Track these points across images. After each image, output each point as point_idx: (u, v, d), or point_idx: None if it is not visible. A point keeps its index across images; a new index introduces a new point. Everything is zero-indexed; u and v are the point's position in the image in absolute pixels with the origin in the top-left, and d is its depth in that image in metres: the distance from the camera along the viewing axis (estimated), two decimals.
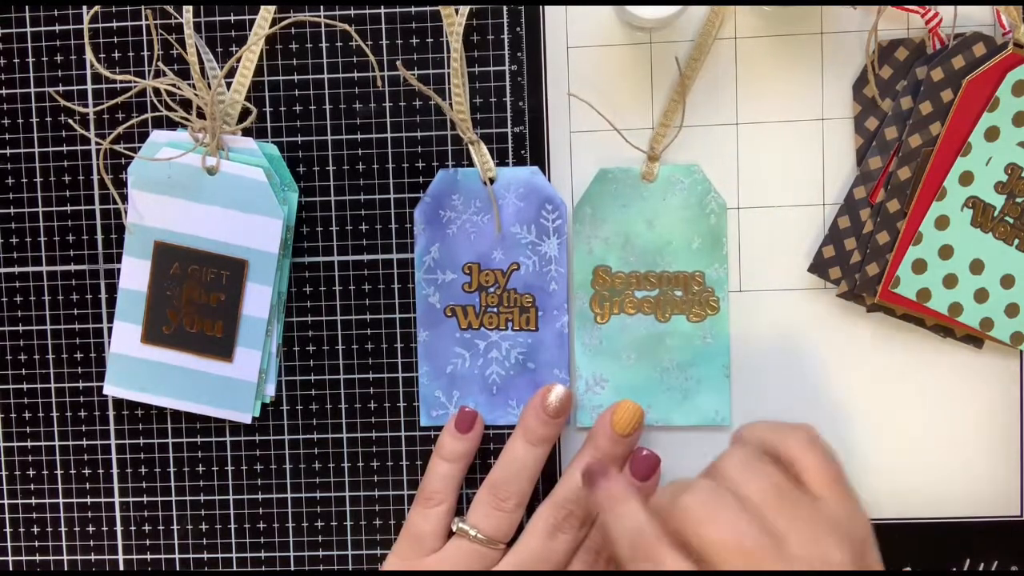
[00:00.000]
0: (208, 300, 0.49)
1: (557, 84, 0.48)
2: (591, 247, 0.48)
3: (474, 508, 0.47)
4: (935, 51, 0.46)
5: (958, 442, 0.49)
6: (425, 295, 0.49)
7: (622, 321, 0.48)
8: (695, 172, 0.48)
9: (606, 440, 0.46)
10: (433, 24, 0.48)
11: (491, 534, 0.46)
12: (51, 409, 0.51)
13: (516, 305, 0.49)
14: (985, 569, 0.49)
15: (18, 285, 0.51)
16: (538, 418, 0.47)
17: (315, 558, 0.51)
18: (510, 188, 0.48)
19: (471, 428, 0.48)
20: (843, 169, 0.48)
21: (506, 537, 0.47)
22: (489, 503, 0.47)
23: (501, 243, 0.49)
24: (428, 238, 0.49)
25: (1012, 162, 0.46)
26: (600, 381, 0.49)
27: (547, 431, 0.47)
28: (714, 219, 0.48)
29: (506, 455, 0.47)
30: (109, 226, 0.50)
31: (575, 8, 0.48)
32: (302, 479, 0.50)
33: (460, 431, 0.48)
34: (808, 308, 0.48)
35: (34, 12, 0.50)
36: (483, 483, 0.47)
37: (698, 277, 0.48)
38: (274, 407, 0.50)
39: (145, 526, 0.51)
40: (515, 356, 0.49)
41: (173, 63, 0.49)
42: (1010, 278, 0.47)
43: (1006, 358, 0.48)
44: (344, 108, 0.49)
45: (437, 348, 0.49)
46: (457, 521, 0.47)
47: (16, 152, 0.50)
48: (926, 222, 0.46)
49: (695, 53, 0.47)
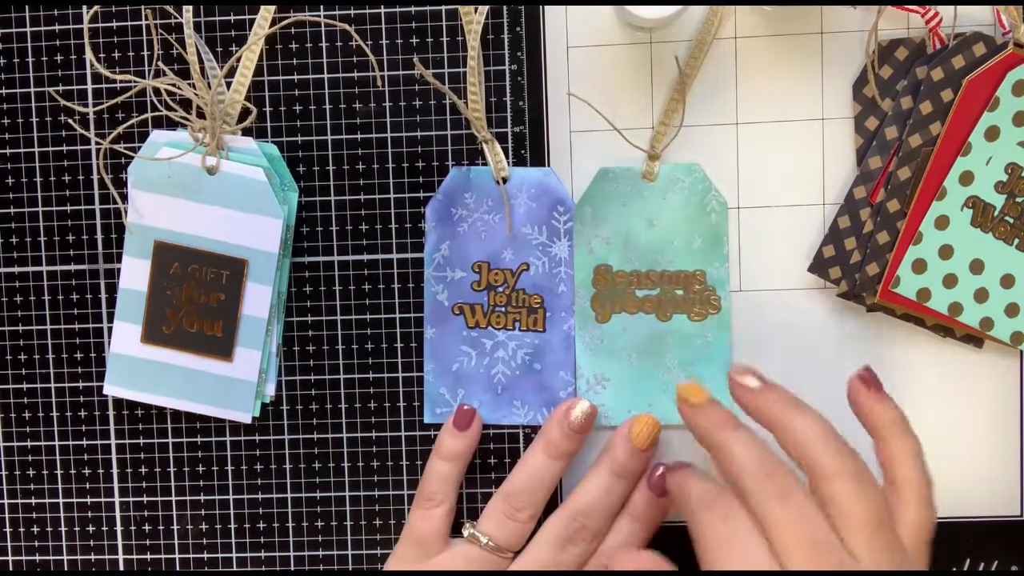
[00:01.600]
0: (208, 300, 0.49)
1: (557, 84, 0.48)
2: (592, 246, 0.48)
3: (487, 515, 0.47)
4: (935, 51, 0.46)
5: (958, 442, 0.49)
6: (433, 292, 0.49)
7: (623, 320, 0.48)
8: (696, 171, 0.48)
9: (624, 453, 0.46)
10: (433, 24, 0.48)
11: (502, 543, 0.46)
12: (51, 409, 0.51)
13: (524, 306, 0.49)
14: (985, 569, 0.49)
15: (18, 285, 0.51)
16: (561, 431, 0.47)
17: (315, 558, 0.51)
18: (523, 188, 0.48)
19: (469, 426, 0.48)
20: (843, 169, 0.48)
21: (516, 547, 0.47)
22: (503, 511, 0.46)
23: (512, 243, 0.49)
24: (439, 235, 0.49)
25: (1012, 162, 0.46)
26: (601, 380, 0.49)
27: (569, 446, 0.47)
28: (715, 218, 0.48)
29: (525, 465, 0.47)
30: (109, 226, 0.50)
31: (575, 8, 0.48)
32: (302, 479, 0.50)
33: (458, 428, 0.48)
34: (808, 308, 0.48)
35: (34, 12, 0.50)
36: (498, 491, 0.47)
37: (699, 276, 0.48)
38: (274, 407, 0.50)
39: (145, 526, 0.51)
40: (521, 356, 0.49)
41: (173, 63, 0.49)
42: (1010, 278, 0.47)
43: (1006, 358, 0.48)
44: (344, 108, 0.49)
45: (444, 346, 0.49)
46: (469, 527, 0.47)
47: (16, 152, 0.50)
48: (926, 222, 0.46)
49: (695, 52, 0.47)
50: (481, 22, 0.47)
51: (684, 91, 0.47)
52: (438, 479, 0.47)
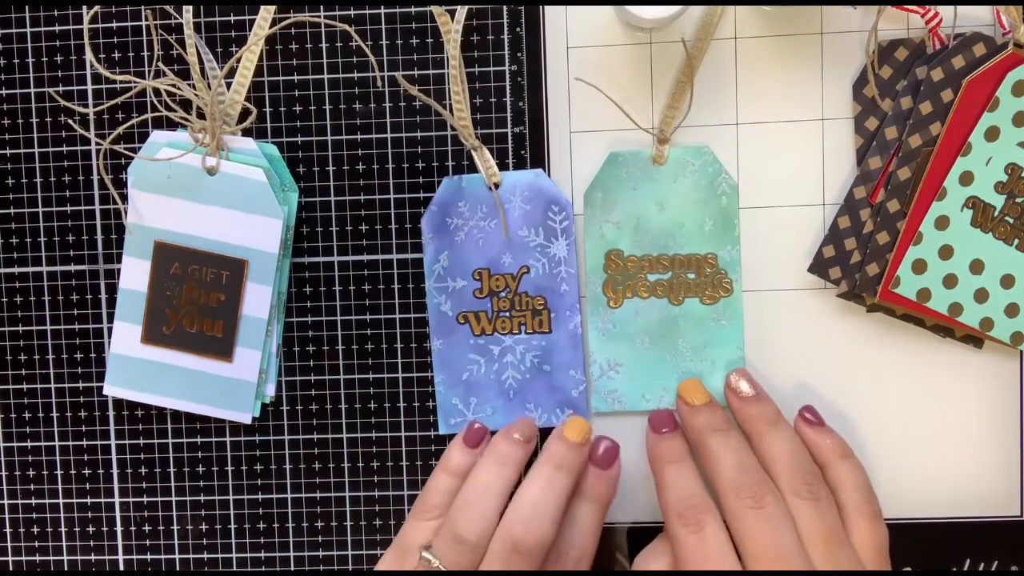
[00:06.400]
0: (208, 300, 0.49)
1: (557, 84, 0.48)
2: (603, 231, 0.48)
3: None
4: (935, 51, 0.46)
5: (958, 442, 0.49)
6: (437, 303, 0.49)
7: (635, 305, 0.48)
8: (705, 154, 0.48)
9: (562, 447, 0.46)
10: (433, 24, 0.48)
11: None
12: (51, 409, 0.51)
13: (528, 308, 0.49)
14: (985, 569, 0.49)
15: (18, 285, 0.51)
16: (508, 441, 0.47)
17: (315, 558, 0.51)
18: (515, 192, 0.48)
19: (479, 444, 0.48)
20: (843, 169, 0.48)
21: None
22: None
23: (509, 247, 0.49)
24: (436, 247, 0.49)
25: (1012, 162, 0.46)
26: (615, 366, 0.49)
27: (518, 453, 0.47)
28: (725, 200, 0.48)
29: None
30: (109, 226, 0.50)
31: (575, 8, 0.48)
32: (302, 479, 0.50)
33: (469, 445, 0.48)
34: (808, 308, 0.48)
35: (34, 12, 0.50)
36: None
37: (710, 259, 0.48)
38: (274, 407, 0.50)
39: (145, 526, 0.51)
40: (530, 359, 0.49)
41: (173, 63, 0.49)
42: (1010, 278, 0.47)
43: (1006, 358, 0.48)
44: (344, 108, 0.49)
45: (452, 356, 0.49)
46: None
47: (16, 152, 0.50)
48: (926, 222, 0.46)
49: (701, 33, 0.47)
50: (459, 30, 0.47)
51: (691, 72, 0.47)
52: (440, 493, 0.47)
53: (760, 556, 0.41)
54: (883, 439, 0.49)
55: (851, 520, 0.44)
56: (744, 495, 0.43)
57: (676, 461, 0.46)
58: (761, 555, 0.41)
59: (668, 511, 0.44)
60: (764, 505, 0.42)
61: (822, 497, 0.43)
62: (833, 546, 0.42)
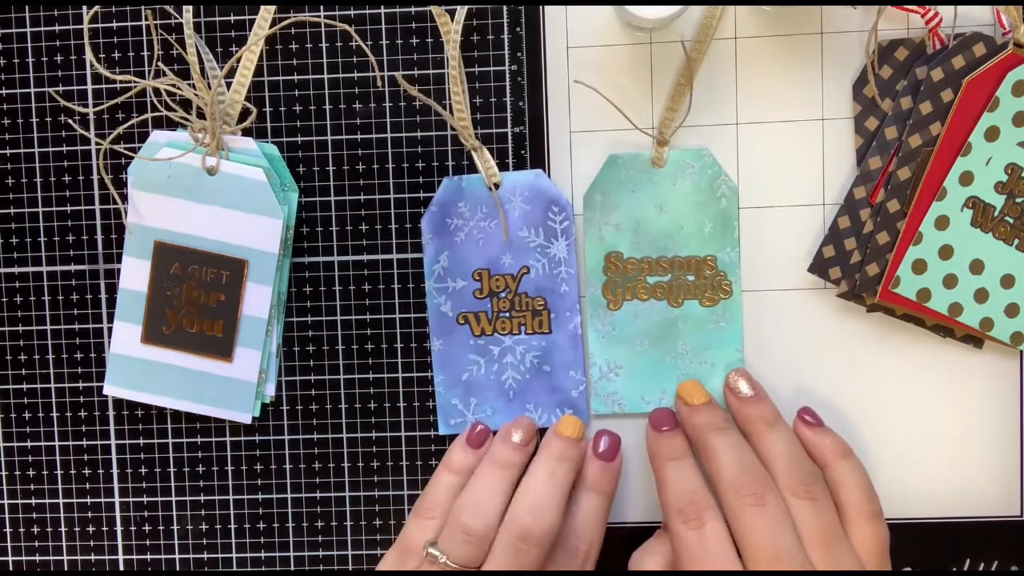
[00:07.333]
0: (208, 300, 0.49)
1: (557, 85, 0.48)
2: (602, 234, 0.48)
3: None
4: (935, 51, 0.46)
5: (958, 442, 0.49)
6: (436, 304, 0.49)
7: (635, 307, 0.48)
8: (704, 156, 0.48)
9: (560, 443, 0.46)
10: (433, 24, 0.48)
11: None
12: (51, 409, 0.51)
13: (528, 309, 0.49)
14: (985, 569, 0.49)
15: (18, 285, 0.51)
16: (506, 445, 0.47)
17: (315, 558, 0.51)
18: (515, 192, 0.48)
19: (482, 445, 0.48)
20: (843, 169, 0.48)
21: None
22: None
23: (509, 248, 0.49)
24: (436, 247, 0.49)
25: (1012, 162, 0.46)
26: (614, 368, 0.49)
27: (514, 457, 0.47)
28: (725, 202, 0.48)
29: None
30: (109, 226, 0.50)
31: (575, 8, 0.48)
32: (302, 479, 0.50)
33: (471, 446, 0.48)
34: (808, 308, 0.48)
35: (34, 12, 0.50)
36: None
37: (710, 261, 0.48)
38: (274, 407, 0.50)
39: (145, 526, 0.51)
40: (530, 360, 0.49)
41: (173, 63, 0.49)
42: (1010, 278, 0.47)
43: (1006, 358, 0.48)
44: (344, 108, 0.49)
45: (452, 356, 0.49)
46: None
47: (16, 152, 0.50)
48: (926, 222, 0.46)
49: (700, 35, 0.47)
50: (459, 30, 0.47)
51: (691, 75, 0.47)
52: (443, 491, 0.47)
53: (760, 554, 0.41)
54: (883, 439, 0.49)
55: (851, 520, 0.44)
56: (745, 493, 0.43)
57: (677, 458, 0.46)
58: (760, 553, 0.41)
59: (668, 507, 0.44)
60: (765, 503, 0.42)
61: (820, 497, 0.43)
62: (832, 546, 0.42)
